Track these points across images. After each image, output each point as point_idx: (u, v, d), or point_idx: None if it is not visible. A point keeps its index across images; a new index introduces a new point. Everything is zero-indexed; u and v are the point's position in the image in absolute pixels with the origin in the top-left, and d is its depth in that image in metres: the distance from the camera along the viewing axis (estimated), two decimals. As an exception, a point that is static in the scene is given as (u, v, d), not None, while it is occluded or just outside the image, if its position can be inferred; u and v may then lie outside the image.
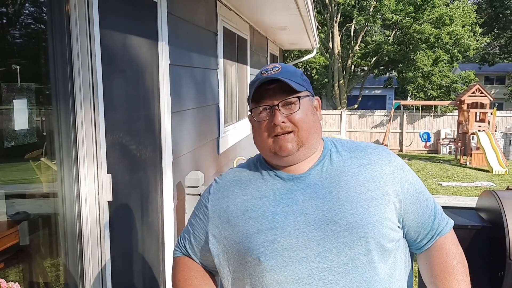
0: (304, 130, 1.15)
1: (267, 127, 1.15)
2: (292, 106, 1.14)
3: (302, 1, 4.95)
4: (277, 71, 1.16)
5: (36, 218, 2.08)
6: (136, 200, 2.60)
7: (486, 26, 26.72)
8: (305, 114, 1.16)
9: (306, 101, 1.18)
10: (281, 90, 1.14)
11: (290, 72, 1.18)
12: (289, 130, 1.14)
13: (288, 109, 1.14)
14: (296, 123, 1.14)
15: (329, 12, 20.07)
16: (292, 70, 1.19)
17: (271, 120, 1.14)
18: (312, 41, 9.35)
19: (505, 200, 2.19)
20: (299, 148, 1.15)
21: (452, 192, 9.64)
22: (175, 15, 3.15)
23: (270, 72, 1.16)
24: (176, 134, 3.19)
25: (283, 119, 1.13)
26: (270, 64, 1.21)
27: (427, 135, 16.83)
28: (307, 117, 1.16)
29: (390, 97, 30.07)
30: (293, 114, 1.14)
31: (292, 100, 1.14)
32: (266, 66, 1.21)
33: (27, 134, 1.82)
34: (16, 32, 1.96)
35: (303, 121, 1.15)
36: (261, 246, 1.10)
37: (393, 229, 1.14)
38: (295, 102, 1.15)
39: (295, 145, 1.14)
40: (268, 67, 1.20)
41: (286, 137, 1.14)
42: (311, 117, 1.17)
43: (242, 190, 1.21)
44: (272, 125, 1.14)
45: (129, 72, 2.50)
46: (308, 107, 1.18)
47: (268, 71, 1.17)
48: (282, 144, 1.14)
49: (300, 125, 1.14)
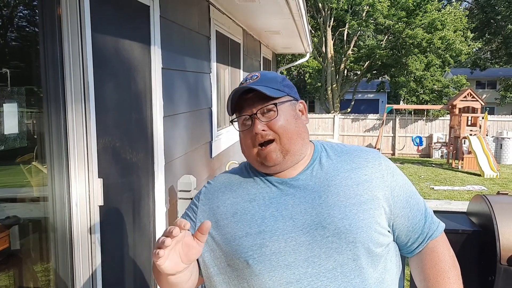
0: (285, 136, 1.14)
1: (249, 136, 1.16)
2: (271, 113, 1.14)
3: (295, 6, 4.97)
4: (256, 79, 1.17)
5: (27, 223, 2.06)
6: (127, 204, 2.58)
7: (478, 31, 26.96)
8: (285, 120, 1.15)
9: (287, 107, 1.17)
10: (259, 98, 1.14)
11: (268, 79, 1.18)
12: (271, 138, 1.14)
13: (267, 117, 1.14)
14: (276, 130, 1.14)
15: (322, 17, 20.15)
16: (271, 76, 1.20)
17: (252, 129, 1.14)
18: (305, 45, 9.38)
19: (496, 204, 2.20)
20: (284, 157, 1.15)
21: (444, 196, 9.68)
22: (168, 19, 3.14)
23: (249, 82, 1.17)
24: (169, 138, 3.19)
25: (263, 127, 1.13)
26: (250, 73, 1.22)
27: (419, 139, 16.91)
28: (288, 123, 1.15)
29: (383, 101, 30.20)
30: (272, 121, 1.14)
31: (269, 107, 1.14)
32: (247, 75, 1.21)
33: (17, 138, 1.80)
34: (7, 35, 1.94)
35: (284, 128, 1.14)
36: (249, 249, 1.10)
37: (383, 233, 1.13)
38: (273, 109, 1.14)
39: (279, 154, 1.14)
40: (248, 76, 1.21)
41: (270, 147, 1.14)
42: (293, 123, 1.17)
43: (233, 192, 1.21)
44: (253, 134, 1.14)
45: (121, 75, 2.50)
46: (290, 112, 1.17)
47: (247, 80, 1.18)
48: (267, 154, 1.14)
49: (281, 132, 1.14)
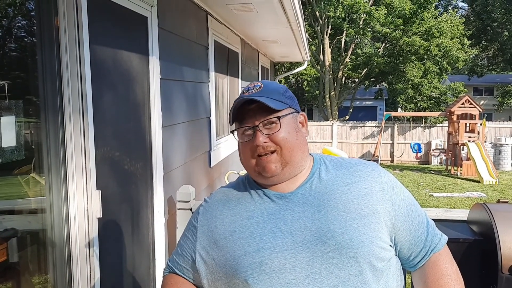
0: (287, 149, 1.13)
1: (250, 147, 1.14)
2: (273, 126, 1.13)
3: (292, 15, 4.99)
4: (258, 89, 1.16)
5: (25, 235, 2.05)
6: (126, 216, 2.57)
7: (474, 38, 27.11)
8: (287, 132, 1.14)
9: (289, 119, 1.16)
10: (262, 110, 1.12)
11: (271, 90, 1.16)
12: (272, 149, 1.13)
13: (270, 129, 1.13)
14: (278, 143, 1.13)
15: (319, 25, 20.23)
16: (273, 87, 1.18)
17: (253, 140, 1.13)
18: (303, 53, 9.41)
19: (496, 213, 2.20)
20: (283, 168, 1.14)
21: (443, 202, 9.66)
22: (165, 30, 3.15)
23: (251, 91, 1.16)
24: (167, 148, 3.18)
25: (265, 139, 1.12)
26: (253, 82, 1.20)
27: (418, 146, 16.92)
28: (289, 136, 1.14)
29: (381, 108, 30.26)
30: (274, 134, 1.13)
31: (272, 120, 1.13)
32: (249, 84, 1.20)
33: (15, 150, 1.79)
34: (5, 45, 1.94)
35: (286, 140, 1.13)
36: (248, 268, 1.08)
37: (384, 248, 1.11)
38: (276, 121, 1.13)
39: (279, 165, 1.13)
40: (250, 85, 1.19)
41: (269, 157, 1.13)
42: (294, 135, 1.16)
43: (230, 210, 1.19)
44: (254, 145, 1.13)
45: (119, 86, 2.49)
46: (291, 125, 1.16)
47: (249, 90, 1.17)
48: (265, 165, 1.13)
49: (283, 144, 1.13)
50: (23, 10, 2.02)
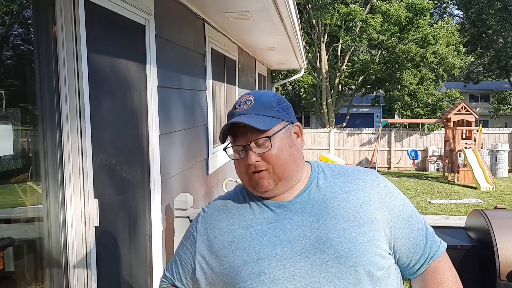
0: (279, 166, 1.12)
1: (243, 164, 1.14)
2: (264, 145, 1.12)
3: (289, 23, 5.01)
4: (249, 105, 1.14)
5: (21, 244, 2.04)
6: (123, 224, 2.56)
7: (470, 45, 27.28)
8: (280, 150, 1.13)
9: (281, 134, 1.14)
10: (252, 128, 1.10)
11: (263, 105, 1.15)
12: (263, 168, 1.12)
13: (261, 148, 1.12)
14: (270, 162, 1.12)
15: (316, 33, 20.32)
16: (265, 101, 1.16)
17: (245, 158, 1.12)
18: (300, 61, 9.45)
19: (494, 219, 2.19)
20: (276, 184, 1.13)
21: (441, 209, 9.67)
22: (163, 38, 3.16)
23: (242, 107, 1.15)
24: (165, 156, 3.17)
25: (257, 158, 1.11)
26: (245, 96, 1.18)
27: (415, 152, 16.94)
28: (282, 153, 1.13)
29: (378, 115, 30.33)
30: (265, 153, 1.12)
31: (263, 140, 1.11)
32: (240, 98, 1.18)
33: (11, 159, 1.79)
34: (2, 54, 1.94)
35: (278, 158, 1.12)
36: (248, 278, 1.08)
37: (383, 256, 1.11)
38: (266, 141, 1.11)
39: (271, 182, 1.13)
40: (242, 99, 1.17)
41: (262, 174, 1.12)
42: (287, 151, 1.14)
43: (229, 219, 1.19)
44: (247, 163, 1.12)
45: (117, 94, 2.49)
46: (284, 140, 1.14)
47: (241, 106, 1.15)
48: (258, 181, 1.12)
49: (275, 163, 1.12)
50: (21, 18, 2.02)
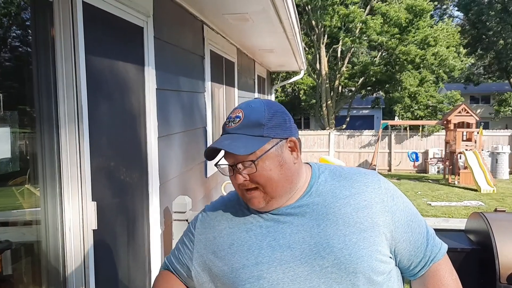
0: (269, 186, 1.09)
1: (234, 181, 1.12)
2: (251, 167, 1.08)
3: (288, 24, 5.01)
4: (238, 123, 1.10)
5: (19, 247, 2.03)
6: (121, 227, 2.55)
7: (470, 47, 27.28)
8: (268, 170, 1.08)
9: (271, 153, 1.09)
10: None
11: (251, 123, 1.09)
12: (253, 187, 1.10)
13: (249, 169, 1.08)
14: (257, 182, 1.09)
15: (316, 34, 20.33)
16: (255, 119, 1.09)
17: (234, 177, 1.11)
18: (299, 63, 9.44)
19: (494, 222, 2.19)
20: (268, 202, 1.11)
21: (441, 211, 9.64)
22: (161, 40, 3.15)
23: (231, 125, 1.11)
24: (163, 159, 3.16)
25: (244, 179, 1.09)
26: (235, 110, 1.13)
27: (415, 154, 16.94)
28: (271, 173, 1.08)
29: (378, 117, 30.32)
30: (252, 174, 1.08)
31: (247, 163, 1.08)
32: (232, 112, 1.14)
33: (9, 162, 1.78)
34: (0, 56, 1.94)
35: (266, 179, 1.08)
36: (246, 282, 1.08)
37: (384, 261, 1.10)
38: (250, 165, 1.08)
39: (262, 201, 1.11)
40: (233, 114, 1.13)
41: (253, 193, 1.10)
42: (277, 171, 1.09)
43: (229, 221, 1.18)
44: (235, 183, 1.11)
45: (115, 97, 2.49)
46: (274, 159, 1.09)
47: (230, 122, 1.12)
48: (250, 199, 1.11)
49: (263, 183, 1.09)
50: (19, 20, 2.01)
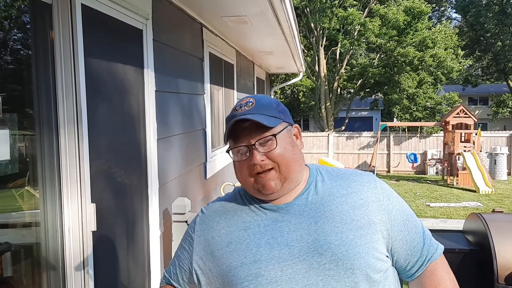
0: (284, 165, 1.12)
1: (247, 165, 1.13)
2: (269, 143, 1.12)
3: (287, 27, 5.02)
4: (251, 106, 1.15)
5: (19, 249, 2.03)
6: (121, 228, 2.55)
7: (468, 48, 27.32)
8: (283, 148, 1.13)
9: (284, 134, 1.15)
10: (256, 127, 1.11)
11: (264, 105, 1.15)
12: (269, 167, 1.12)
13: (266, 147, 1.12)
14: (275, 160, 1.12)
15: (314, 36, 20.35)
16: (266, 102, 1.17)
17: (250, 159, 1.12)
18: (298, 65, 9.46)
19: (491, 223, 2.19)
20: (282, 184, 1.13)
21: (440, 212, 9.65)
22: (161, 42, 3.16)
23: (244, 108, 1.15)
24: (163, 160, 3.17)
25: (262, 157, 1.11)
26: (244, 98, 1.19)
27: (414, 156, 16.95)
28: (286, 151, 1.13)
29: (377, 119, 30.35)
30: (271, 151, 1.11)
31: (268, 138, 1.12)
32: (240, 101, 1.19)
33: (8, 164, 1.78)
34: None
35: (283, 156, 1.12)
36: (244, 279, 1.08)
37: (381, 259, 1.11)
38: (272, 139, 1.12)
39: (278, 182, 1.12)
40: (242, 101, 1.18)
41: (268, 175, 1.12)
42: (290, 150, 1.14)
43: (227, 221, 1.19)
44: (252, 164, 1.11)
45: (114, 99, 2.49)
46: (287, 140, 1.15)
47: (241, 107, 1.16)
48: (265, 183, 1.12)
49: (280, 161, 1.12)
50: (18, 23, 2.02)
